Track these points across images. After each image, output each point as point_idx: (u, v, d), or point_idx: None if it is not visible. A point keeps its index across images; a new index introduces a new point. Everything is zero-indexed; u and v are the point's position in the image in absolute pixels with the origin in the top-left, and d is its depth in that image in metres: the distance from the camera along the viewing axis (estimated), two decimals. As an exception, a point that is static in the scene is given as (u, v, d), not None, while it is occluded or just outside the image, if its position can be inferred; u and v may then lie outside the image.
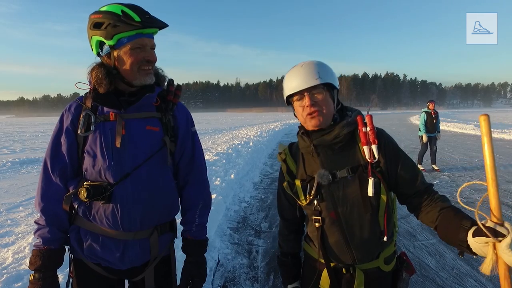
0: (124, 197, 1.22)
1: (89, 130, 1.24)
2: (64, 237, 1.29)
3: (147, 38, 1.22)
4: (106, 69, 1.22)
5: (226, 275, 3.09)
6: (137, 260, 1.30)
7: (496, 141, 13.56)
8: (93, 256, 1.28)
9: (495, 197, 0.94)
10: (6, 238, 3.67)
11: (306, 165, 1.34)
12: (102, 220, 1.23)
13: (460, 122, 24.71)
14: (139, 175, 1.24)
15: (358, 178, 1.24)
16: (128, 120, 1.25)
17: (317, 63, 1.27)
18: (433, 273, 3.05)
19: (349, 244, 1.28)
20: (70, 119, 1.28)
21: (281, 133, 18.59)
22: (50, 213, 1.25)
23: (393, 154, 1.27)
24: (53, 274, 1.25)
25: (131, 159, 1.23)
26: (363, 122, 1.25)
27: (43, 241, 1.24)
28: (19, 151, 12.04)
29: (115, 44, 1.18)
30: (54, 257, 1.25)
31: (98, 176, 1.23)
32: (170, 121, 1.33)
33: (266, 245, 3.74)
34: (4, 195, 5.75)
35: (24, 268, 2.77)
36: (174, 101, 1.36)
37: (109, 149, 1.22)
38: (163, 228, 1.36)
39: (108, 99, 1.23)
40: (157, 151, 1.28)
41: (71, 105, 1.31)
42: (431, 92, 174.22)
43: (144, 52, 1.22)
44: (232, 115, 69.21)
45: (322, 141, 1.27)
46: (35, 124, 37.63)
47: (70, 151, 1.26)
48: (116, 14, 1.16)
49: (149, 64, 1.25)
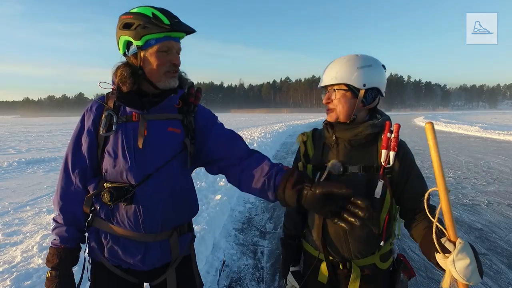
0: (146, 199, 1.22)
1: (111, 130, 1.24)
2: (80, 237, 1.30)
3: (174, 42, 1.22)
4: (131, 69, 1.23)
5: (232, 276, 3.11)
6: (158, 261, 1.30)
7: (502, 143, 13.46)
8: (114, 259, 1.28)
9: (447, 212, 0.98)
10: (14, 237, 3.71)
11: (324, 153, 1.40)
12: (124, 221, 1.23)
13: (465, 124, 24.55)
14: (160, 176, 1.23)
15: (368, 178, 1.28)
16: (150, 121, 1.25)
17: (346, 61, 1.32)
18: (438, 275, 3.04)
19: (347, 237, 1.33)
20: (91, 119, 1.28)
21: (285, 134, 18.57)
22: (68, 213, 1.27)
23: (408, 166, 1.31)
24: (69, 272, 1.27)
25: (153, 161, 1.23)
26: (390, 129, 1.30)
27: (60, 239, 1.25)
28: (25, 151, 12.13)
29: (143, 45, 1.19)
30: (70, 256, 1.26)
31: (119, 177, 1.23)
32: (192, 123, 1.33)
33: (271, 246, 3.76)
34: (11, 194, 5.81)
35: (32, 266, 2.80)
36: (195, 103, 1.36)
37: (130, 150, 1.22)
38: (182, 229, 1.36)
39: (131, 99, 1.24)
40: (178, 153, 1.27)
41: (93, 105, 1.31)
42: (436, 93, 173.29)
43: (170, 55, 1.22)
44: (236, 116, 69.24)
45: (343, 135, 1.33)
46: (40, 124, 37.92)
47: (91, 151, 1.27)
48: (146, 16, 1.17)
49: (175, 68, 1.25)
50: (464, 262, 0.96)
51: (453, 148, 12.16)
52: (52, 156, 10.32)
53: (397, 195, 1.32)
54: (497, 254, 3.46)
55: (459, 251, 0.97)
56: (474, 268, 0.96)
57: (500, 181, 6.82)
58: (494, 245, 3.70)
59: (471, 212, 4.82)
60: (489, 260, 3.33)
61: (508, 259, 3.36)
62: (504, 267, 3.18)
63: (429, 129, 0.98)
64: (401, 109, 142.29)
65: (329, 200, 1.03)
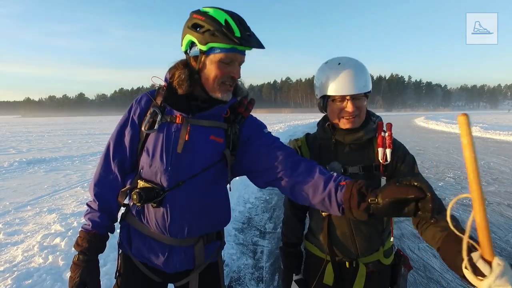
0: (175, 204, 1.20)
1: (153, 128, 1.20)
2: (111, 226, 1.30)
3: (239, 54, 1.16)
4: (189, 71, 1.20)
5: (231, 275, 3.12)
6: (181, 266, 1.28)
7: (502, 143, 13.46)
8: (140, 256, 1.29)
9: (482, 226, 0.78)
10: (15, 236, 3.73)
11: (322, 156, 1.41)
12: (152, 222, 1.23)
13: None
14: (193, 184, 1.20)
15: (368, 176, 1.32)
16: (193, 126, 1.21)
17: (363, 68, 1.32)
18: (437, 274, 3.05)
19: (354, 237, 1.35)
20: (138, 112, 1.25)
21: (285, 135, 18.56)
22: (103, 200, 1.26)
23: (401, 154, 1.35)
24: (96, 258, 1.26)
25: (189, 167, 1.19)
26: (383, 128, 1.36)
27: (92, 224, 1.24)
28: (26, 151, 12.15)
29: (206, 50, 1.14)
30: (99, 242, 1.26)
31: (153, 177, 1.20)
32: (236, 134, 1.27)
33: (271, 245, 3.79)
34: (12, 194, 5.83)
35: (33, 266, 2.82)
36: (244, 114, 1.30)
37: (169, 153, 1.19)
38: (209, 237, 1.32)
39: (178, 101, 1.20)
40: (216, 163, 1.22)
41: (142, 97, 1.28)
42: (436, 93, 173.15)
43: (231, 67, 1.17)
44: (236, 116, 69.14)
45: (344, 139, 1.36)
46: (41, 125, 37.99)
47: (132, 144, 1.25)
48: (218, 22, 1.10)
49: (232, 81, 1.20)
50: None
51: (454, 148, 12.15)
52: (53, 156, 10.33)
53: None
54: (496, 254, 3.46)
55: (497, 277, 0.79)
56: None
57: (500, 181, 6.82)
58: (494, 245, 3.63)
59: (471, 212, 4.82)
60: (488, 260, 3.34)
61: (507, 259, 3.28)
62: (503, 267, 3.19)
63: (463, 124, 0.74)
64: (402, 109, 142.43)
65: (399, 204, 0.91)
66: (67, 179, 7.05)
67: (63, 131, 24.13)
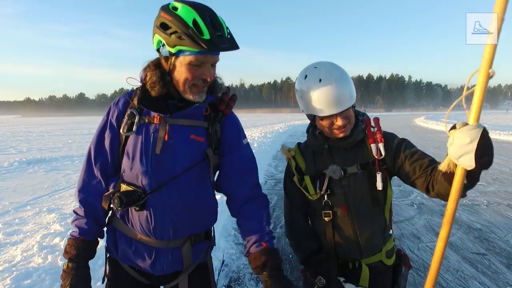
0: (158, 207, 1.17)
1: (131, 130, 1.18)
2: (99, 231, 1.28)
3: (211, 56, 1.10)
4: (160, 72, 1.16)
5: (231, 275, 3.12)
6: (169, 268, 1.26)
7: (503, 143, 13.45)
8: (126, 260, 1.27)
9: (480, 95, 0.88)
10: (14, 236, 3.73)
11: (317, 161, 1.41)
12: (137, 225, 1.21)
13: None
14: (176, 185, 1.17)
15: (367, 174, 1.33)
16: (172, 125, 1.18)
17: (345, 79, 1.27)
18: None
19: (358, 238, 1.35)
20: (116, 115, 1.23)
21: (285, 135, 18.60)
22: (89, 206, 1.24)
23: (396, 143, 1.34)
24: (86, 265, 1.25)
25: (170, 168, 1.17)
26: (371, 124, 1.36)
27: (79, 231, 1.23)
28: (26, 151, 12.15)
29: (175, 52, 1.09)
30: (88, 248, 1.24)
31: (134, 179, 1.18)
32: (217, 132, 1.25)
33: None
34: (12, 194, 5.84)
35: (32, 265, 2.82)
36: (225, 112, 1.27)
37: (148, 154, 1.17)
38: (197, 237, 1.30)
39: (154, 102, 1.17)
40: (198, 163, 1.20)
41: (120, 99, 1.26)
42: (436, 93, 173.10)
43: (202, 69, 1.12)
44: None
45: (337, 144, 1.36)
46: (41, 124, 38.01)
47: (112, 147, 1.23)
48: (186, 24, 1.03)
49: (204, 83, 1.16)
50: (462, 140, 0.88)
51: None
52: (53, 156, 10.34)
53: (403, 170, 1.30)
54: (496, 254, 3.46)
55: (464, 130, 0.88)
56: (469, 149, 0.86)
57: (500, 181, 6.81)
58: (493, 245, 3.70)
59: (471, 212, 4.83)
60: (488, 260, 3.34)
61: (507, 259, 3.36)
62: (503, 267, 3.19)
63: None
64: (402, 109, 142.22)
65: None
66: (67, 179, 7.06)
67: (63, 131, 24.14)
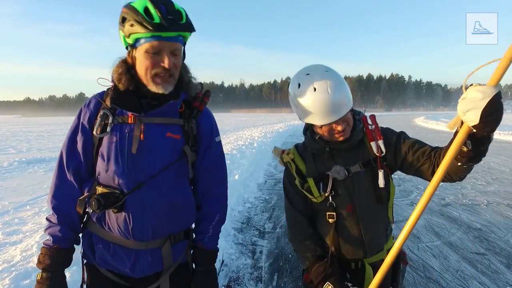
0: (137, 207, 1.16)
1: (105, 131, 1.15)
2: (74, 237, 1.25)
3: (166, 42, 1.08)
4: (126, 66, 1.16)
5: (230, 275, 3.12)
6: (149, 269, 1.24)
7: (502, 143, 13.45)
8: (105, 264, 1.24)
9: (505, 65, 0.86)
10: (14, 236, 3.73)
11: (317, 163, 1.40)
12: (114, 228, 1.18)
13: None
14: (154, 185, 1.16)
15: (370, 172, 1.33)
16: (147, 124, 1.17)
17: (340, 84, 1.23)
18: (437, 274, 3.05)
19: (363, 237, 1.36)
20: (87, 117, 1.20)
21: (285, 134, 18.58)
22: (62, 212, 1.21)
23: (395, 138, 1.35)
24: (61, 274, 1.21)
25: (147, 167, 1.16)
26: (368, 122, 1.37)
27: (53, 239, 1.19)
28: (26, 150, 12.15)
29: (133, 43, 1.10)
30: (63, 256, 1.20)
31: (111, 181, 1.16)
32: (193, 129, 1.25)
33: (270, 245, 3.76)
34: (12, 194, 5.83)
35: (32, 266, 2.81)
36: (200, 108, 1.27)
37: (124, 154, 1.15)
38: (177, 237, 1.28)
39: (128, 100, 1.15)
40: (176, 161, 1.19)
41: (91, 101, 1.23)
42: (436, 93, 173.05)
43: (160, 57, 1.10)
44: (236, 116, 69.37)
45: (338, 146, 1.36)
46: (41, 124, 37.99)
47: (85, 150, 1.20)
48: (137, 11, 1.04)
49: (166, 72, 1.13)
50: (474, 95, 0.85)
51: (454, 148, 12.12)
52: (53, 156, 10.33)
53: (407, 161, 1.30)
54: (495, 254, 3.46)
55: (480, 87, 0.85)
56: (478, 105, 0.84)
57: (500, 181, 6.81)
58: (493, 245, 3.70)
59: (471, 212, 4.83)
60: (488, 260, 3.33)
61: (506, 259, 3.36)
62: (503, 267, 3.18)
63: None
64: (402, 109, 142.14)
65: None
66: (66, 179, 7.04)
67: (63, 131, 24.10)
